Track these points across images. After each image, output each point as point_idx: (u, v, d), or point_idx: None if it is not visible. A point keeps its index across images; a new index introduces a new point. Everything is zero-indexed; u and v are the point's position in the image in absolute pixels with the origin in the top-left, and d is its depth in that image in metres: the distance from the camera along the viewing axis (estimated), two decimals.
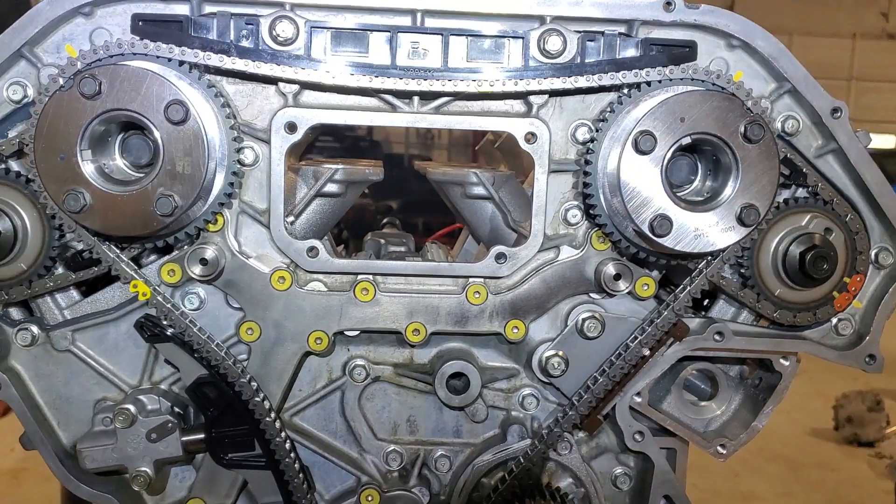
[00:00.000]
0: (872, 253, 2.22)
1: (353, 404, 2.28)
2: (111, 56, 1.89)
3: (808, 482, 7.64)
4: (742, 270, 2.17)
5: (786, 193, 2.19)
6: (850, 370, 2.35)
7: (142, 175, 1.93)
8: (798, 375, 2.29)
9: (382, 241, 2.77)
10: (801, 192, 2.19)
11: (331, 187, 2.25)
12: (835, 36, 24.48)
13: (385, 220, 3.73)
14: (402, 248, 2.74)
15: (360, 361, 2.24)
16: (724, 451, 2.29)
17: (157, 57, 1.91)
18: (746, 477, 7.54)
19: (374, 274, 2.16)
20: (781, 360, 2.26)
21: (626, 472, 2.37)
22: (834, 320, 2.25)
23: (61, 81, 1.86)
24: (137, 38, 1.93)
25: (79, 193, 1.85)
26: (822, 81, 2.12)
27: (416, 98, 2.07)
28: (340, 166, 2.26)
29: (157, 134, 1.86)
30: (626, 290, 2.16)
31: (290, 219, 2.18)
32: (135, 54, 1.90)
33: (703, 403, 2.36)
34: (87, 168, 1.87)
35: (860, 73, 25.02)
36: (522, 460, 2.22)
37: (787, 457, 8.11)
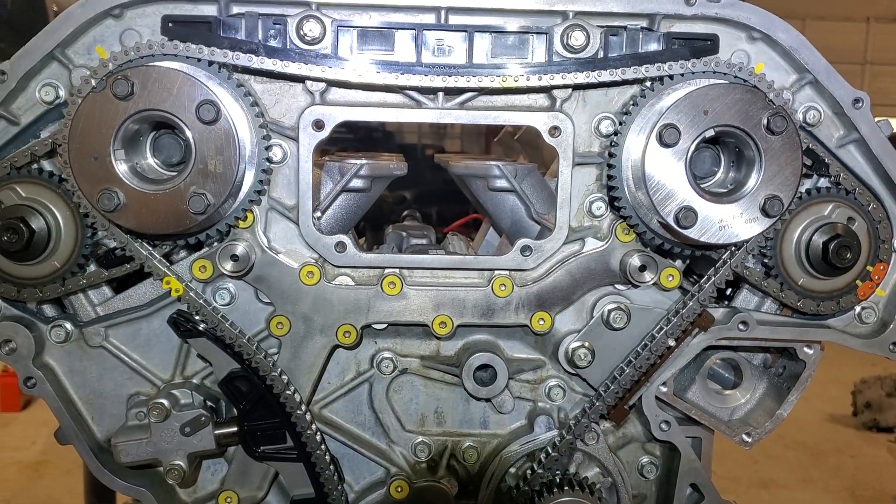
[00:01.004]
0: (895, 241, 2.23)
1: (381, 396, 2.31)
2: (142, 57, 1.92)
3: (827, 468, 7.67)
4: (765, 260, 2.19)
5: (808, 183, 2.20)
6: (869, 356, 2.36)
7: (173, 174, 1.96)
8: None
9: (404, 233, 2.80)
10: (823, 182, 2.20)
11: (356, 182, 2.28)
12: (848, 20, 24.27)
13: (405, 213, 3.75)
14: (424, 241, 2.77)
15: (387, 354, 2.27)
16: (750, 440, 2.31)
17: (187, 57, 1.93)
18: (766, 464, 7.57)
19: (401, 268, 2.18)
20: (805, 349, 2.27)
21: (653, 461, 2.40)
22: (857, 309, 2.26)
23: (93, 82, 1.89)
24: (167, 38, 1.96)
25: (113, 193, 1.88)
26: (836, 66, 2.12)
27: (440, 94, 2.09)
28: (365, 161, 2.29)
29: (188, 133, 1.89)
30: (652, 282, 2.18)
31: (317, 214, 2.21)
32: (165, 55, 1.93)
33: (727, 392, 2.38)
34: (121, 167, 1.90)
35: (874, 56, 24.77)
36: (550, 451, 2.24)
37: (805, 443, 8.13)
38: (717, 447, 2.44)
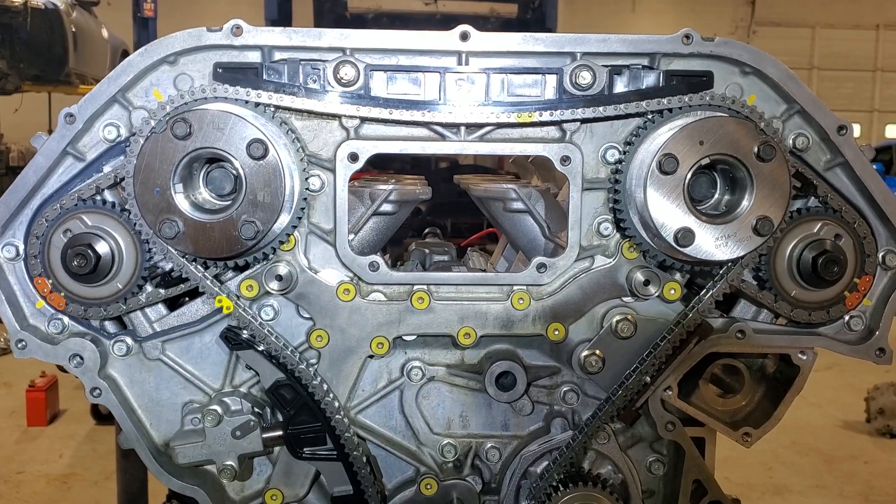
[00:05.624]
0: (879, 255, 2.39)
1: (410, 402, 2.48)
2: (196, 100, 2.15)
3: (840, 474, 7.69)
4: (760, 274, 2.35)
5: (799, 203, 2.37)
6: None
7: (225, 203, 2.17)
8: (829, 369, 2.48)
9: (426, 250, 3.01)
10: (812, 202, 2.37)
11: (385, 207, 2.48)
12: (858, 28, 24.30)
13: (427, 230, 3.96)
14: (446, 258, 2.97)
15: (416, 363, 2.44)
16: (749, 439, 2.48)
17: (236, 100, 2.16)
18: (779, 470, 7.63)
19: (429, 284, 2.38)
20: (799, 355, 2.42)
21: (660, 458, 2.55)
22: (846, 317, 2.42)
23: (153, 124, 2.12)
24: (217, 83, 2.18)
25: (173, 222, 2.10)
26: (847, 73, 2.32)
27: (462, 128, 2.29)
28: (393, 187, 2.50)
29: (239, 168, 2.10)
30: (655, 294, 2.36)
31: (351, 236, 2.41)
32: (216, 98, 2.16)
33: (728, 396, 2.55)
34: (180, 199, 2.12)
35: (885, 63, 24.72)
36: (565, 450, 2.40)
37: (819, 449, 8.17)
38: (731, 454, 2.59)
